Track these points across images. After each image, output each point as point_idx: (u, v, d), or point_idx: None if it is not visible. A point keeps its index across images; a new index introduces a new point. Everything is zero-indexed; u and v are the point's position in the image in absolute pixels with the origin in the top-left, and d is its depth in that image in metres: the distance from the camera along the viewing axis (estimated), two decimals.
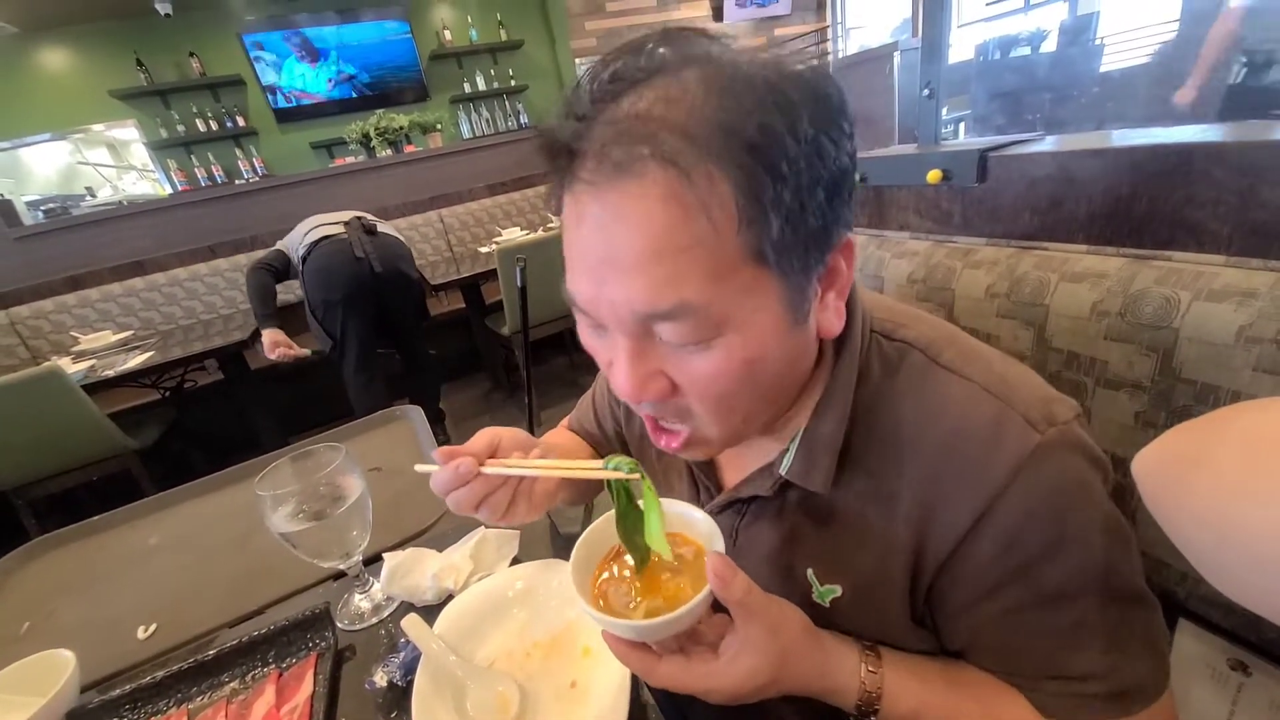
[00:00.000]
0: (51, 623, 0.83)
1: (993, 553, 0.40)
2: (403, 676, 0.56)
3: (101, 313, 2.91)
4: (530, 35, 5.08)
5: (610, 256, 0.35)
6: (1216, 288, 0.53)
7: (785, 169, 0.33)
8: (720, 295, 0.35)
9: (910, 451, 0.42)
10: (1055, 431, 0.39)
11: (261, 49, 4.54)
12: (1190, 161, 0.58)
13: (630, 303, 0.36)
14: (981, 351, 0.45)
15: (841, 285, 0.41)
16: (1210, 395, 0.54)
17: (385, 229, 2.38)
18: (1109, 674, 0.41)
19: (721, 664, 0.41)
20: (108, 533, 1.02)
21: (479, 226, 3.64)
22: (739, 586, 0.39)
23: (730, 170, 0.33)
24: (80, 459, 2.06)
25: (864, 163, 0.88)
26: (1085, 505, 0.39)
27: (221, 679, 0.61)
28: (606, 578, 0.45)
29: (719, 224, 0.33)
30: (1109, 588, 0.40)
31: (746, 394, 0.40)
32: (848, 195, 0.38)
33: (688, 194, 0.33)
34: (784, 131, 0.33)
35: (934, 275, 0.74)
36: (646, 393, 0.39)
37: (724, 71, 0.34)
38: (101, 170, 4.57)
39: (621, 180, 0.33)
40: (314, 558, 0.64)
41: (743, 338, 0.37)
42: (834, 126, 0.36)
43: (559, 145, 0.36)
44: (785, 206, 0.34)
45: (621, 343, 0.38)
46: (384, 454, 1.10)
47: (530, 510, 0.53)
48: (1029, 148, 0.70)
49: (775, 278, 0.36)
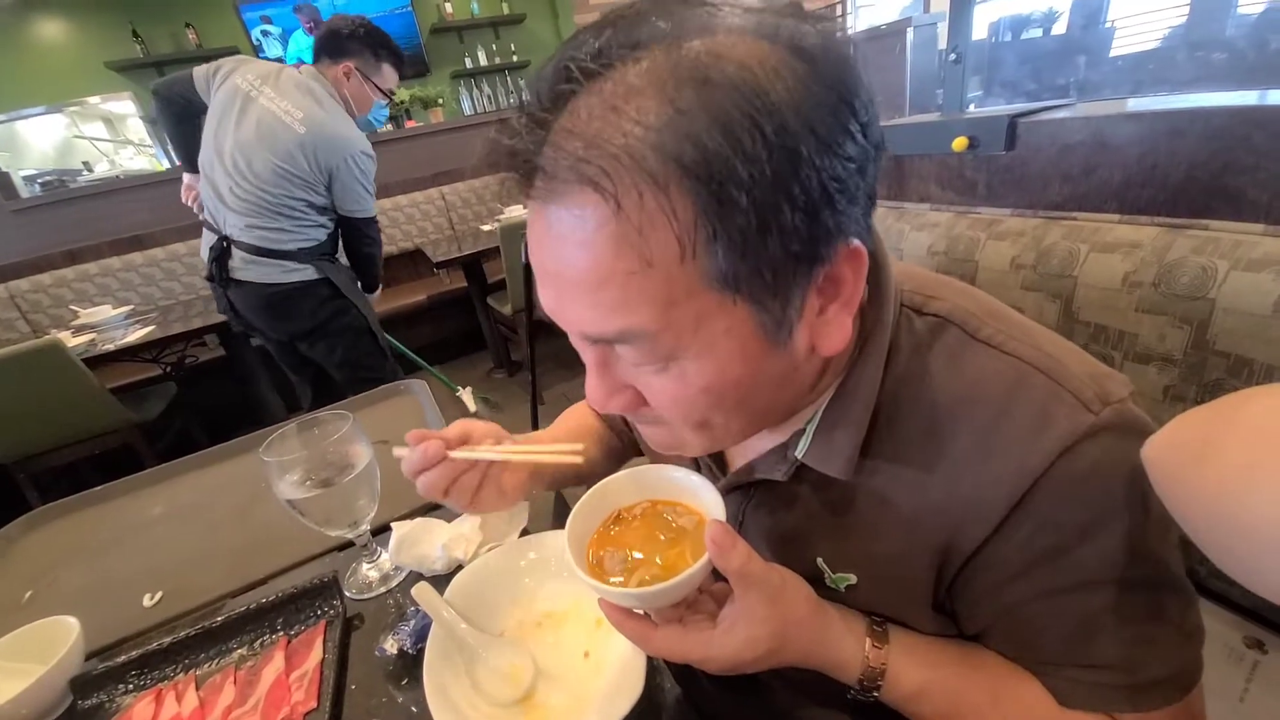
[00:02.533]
0: (54, 591, 0.82)
1: (1026, 535, 0.37)
2: (413, 644, 0.56)
3: (101, 287, 2.89)
4: (532, 9, 4.98)
5: (560, 273, 0.33)
6: (1256, 257, 0.51)
7: (734, 192, 0.29)
8: (670, 323, 0.32)
9: (947, 435, 0.38)
10: (1111, 411, 0.35)
11: (269, 22, 4.44)
12: (1230, 127, 0.55)
13: (580, 325, 0.35)
14: (1024, 324, 0.42)
15: (847, 297, 0.36)
16: (1244, 369, 0.53)
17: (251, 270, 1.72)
18: (1133, 666, 0.38)
19: (718, 633, 0.40)
20: (111, 502, 1.02)
21: (481, 204, 3.60)
22: (738, 555, 0.38)
23: (664, 194, 0.29)
24: (82, 433, 2.06)
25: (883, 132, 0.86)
26: (1131, 488, 0.36)
27: (230, 645, 0.61)
28: (604, 545, 0.44)
29: (657, 252, 0.30)
30: (1145, 574, 0.37)
31: (720, 412, 0.37)
32: (851, 200, 0.32)
33: (620, 222, 0.30)
34: (740, 146, 0.28)
35: (956, 247, 0.72)
36: (613, 404, 0.39)
37: (687, 61, 0.29)
38: (98, 144, 4.50)
39: (561, 200, 0.31)
40: (321, 526, 0.63)
41: (699, 365, 0.34)
42: (828, 112, 0.30)
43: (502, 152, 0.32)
44: (738, 231, 0.30)
45: (587, 357, 0.38)
46: (390, 427, 1.09)
47: (500, 499, 0.55)
48: (1061, 113, 0.68)
49: (741, 303, 0.32)
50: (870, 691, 0.43)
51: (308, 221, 1.75)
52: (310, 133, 1.65)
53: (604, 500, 0.47)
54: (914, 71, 1.73)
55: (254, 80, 1.69)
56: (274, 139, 1.63)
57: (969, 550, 0.39)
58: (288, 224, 1.71)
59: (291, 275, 1.74)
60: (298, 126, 1.65)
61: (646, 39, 0.30)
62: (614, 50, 0.30)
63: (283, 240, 1.71)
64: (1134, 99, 0.67)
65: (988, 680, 0.42)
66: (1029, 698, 0.41)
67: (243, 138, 1.65)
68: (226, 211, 1.69)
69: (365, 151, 1.74)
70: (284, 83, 1.69)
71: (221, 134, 1.68)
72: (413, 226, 3.49)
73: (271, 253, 1.70)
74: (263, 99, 1.67)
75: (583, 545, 0.44)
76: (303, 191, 1.69)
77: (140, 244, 2.98)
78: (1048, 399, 0.36)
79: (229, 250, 1.71)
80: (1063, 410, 0.36)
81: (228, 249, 1.71)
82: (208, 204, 1.75)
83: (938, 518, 0.39)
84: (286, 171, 1.65)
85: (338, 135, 1.69)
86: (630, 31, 0.31)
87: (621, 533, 0.45)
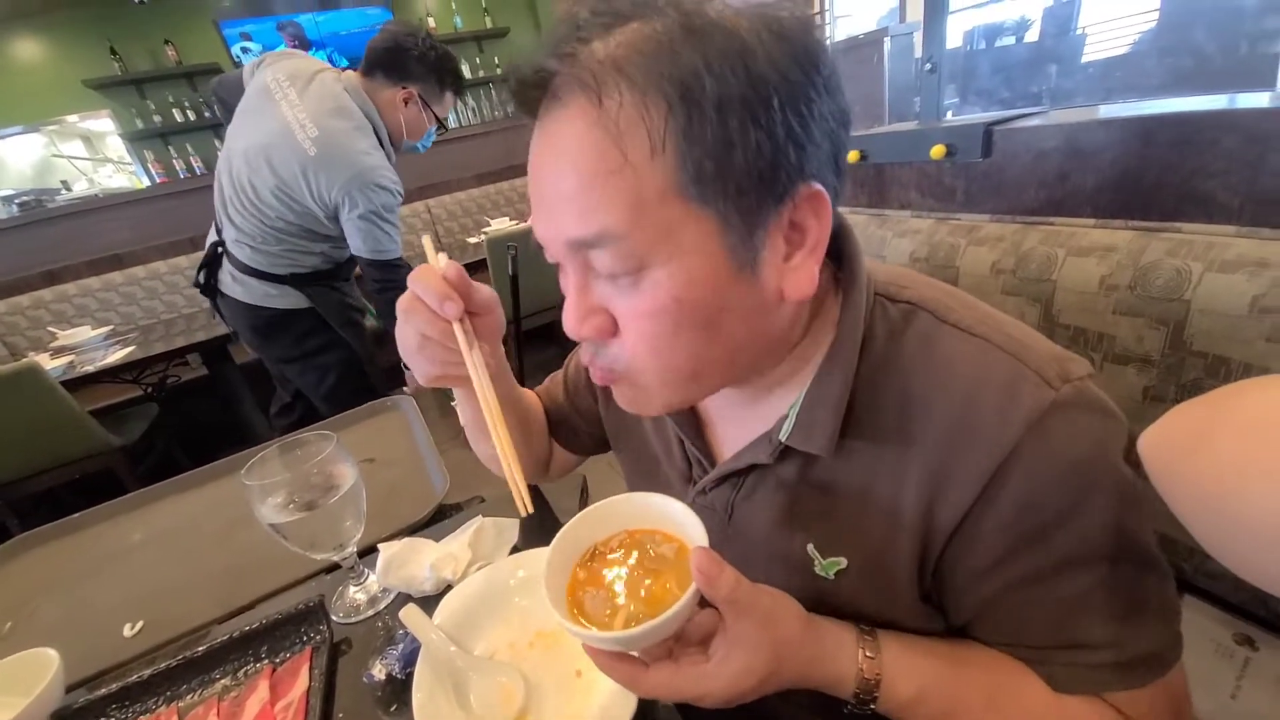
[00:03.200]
0: (34, 622, 0.80)
1: (1007, 517, 0.38)
2: (402, 669, 0.55)
3: (79, 308, 2.84)
4: (516, 23, 5.01)
5: (550, 188, 0.38)
6: (1229, 258, 0.52)
7: (705, 105, 0.33)
8: (642, 226, 0.35)
9: (921, 414, 0.40)
10: (1070, 388, 0.37)
11: (249, 39, 4.42)
12: (1200, 131, 0.57)
13: (562, 231, 0.38)
14: (990, 311, 0.44)
15: (812, 244, 0.39)
16: (1222, 368, 0.53)
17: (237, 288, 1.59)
18: (1120, 643, 0.39)
19: (712, 665, 0.38)
20: (90, 529, 0.99)
21: (467, 217, 3.60)
22: (726, 582, 0.37)
23: (642, 96, 0.34)
24: (62, 457, 2.01)
25: (864, 140, 0.87)
26: (1101, 465, 0.38)
27: (212, 675, 0.59)
28: (583, 584, 0.42)
29: (631, 149, 0.34)
30: (1123, 553, 0.39)
31: (685, 340, 0.38)
32: (815, 146, 0.36)
33: (603, 117, 0.34)
34: (713, 70, 0.33)
35: (937, 253, 0.73)
36: (586, 326, 0.40)
37: (683, 16, 0.35)
38: (76, 163, 4.45)
39: (556, 110, 0.36)
40: (306, 549, 0.61)
41: (669, 273, 0.36)
42: (798, 72, 0.35)
43: (525, 79, 0.38)
44: (706, 141, 0.34)
45: (569, 278, 0.40)
46: (377, 445, 1.08)
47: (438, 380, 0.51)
48: (1035, 120, 0.69)
49: (709, 218, 0.36)
50: (867, 704, 0.42)
51: (303, 250, 1.56)
52: (320, 155, 1.41)
53: (579, 538, 0.44)
54: (892, 81, 1.76)
55: (282, 80, 1.47)
56: (279, 154, 1.42)
57: (949, 526, 0.40)
58: (278, 249, 1.53)
59: (274, 302, 1.58)
60: (309, 147, 1.41)
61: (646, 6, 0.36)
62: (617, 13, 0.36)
63: (274, 264, 1.54)
64: (1106, 105, 0.68)
65: (982, 678, 0.43)
66: (1023, 691, 0.42)
67: (251, 145, 1.45)
68: (225, 219, 1.54)
69: (382, 184, 1.48)
70: (313, 90, 1.45)
71: (235, 137, 1.50)
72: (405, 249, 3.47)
73: (259, 274, 1.54)
74: (284, 103, 1.44)
75: (562, 589, 0.41)
76: (301, 220, 1.50)
77: (120, 263, 2.94)
78: (1013, 376, 0.38)
79: (220, 259, 1.58)
80: (1027, 387, 0.38)
81: (219, 257, 1.58)
82: (215, 202, 1.57)
83: (918, 491, 0.40)
84: (286, 196, 1.45)
85: (353, 164, 1.44)
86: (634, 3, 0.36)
87: (600, 570, 0.43)
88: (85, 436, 2.00)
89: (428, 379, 0.52)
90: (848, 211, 0.88)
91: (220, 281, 1.61)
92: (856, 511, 0.44)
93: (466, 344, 0.48)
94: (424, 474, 0.95)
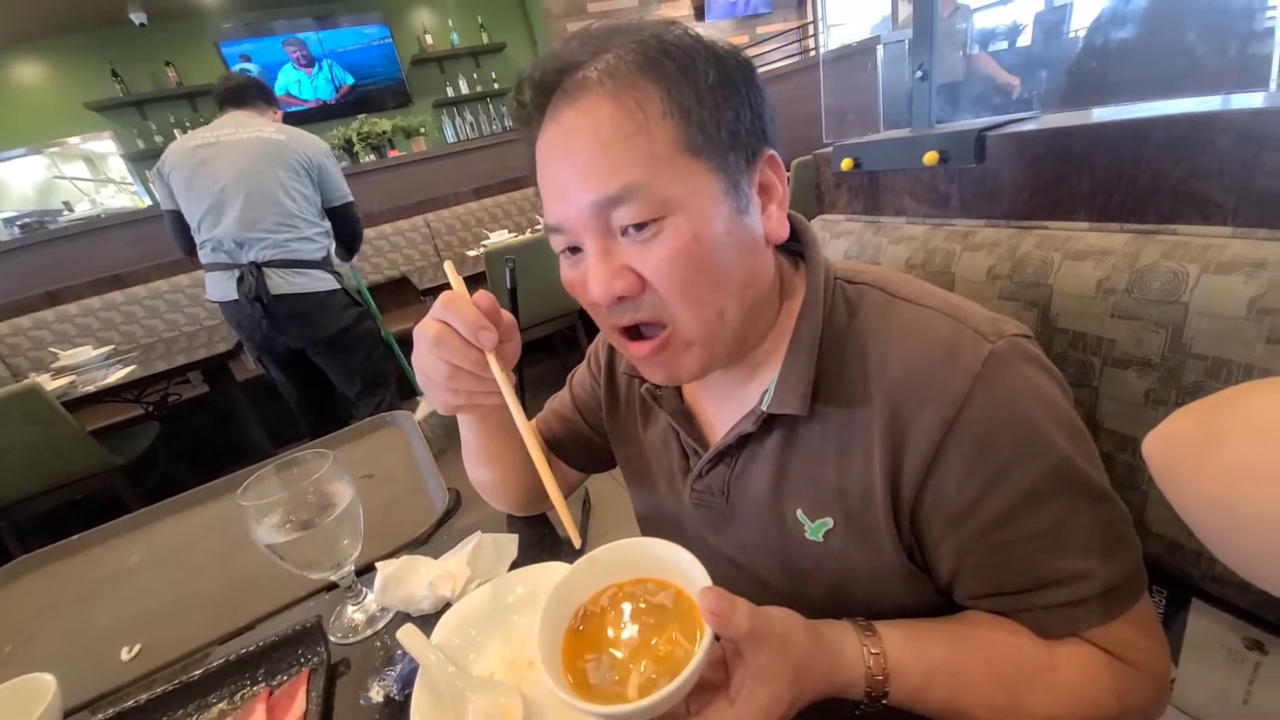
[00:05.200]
0: (32, 646, 0.80)
1: (968, 462, 0.42)
2: (400, 690, 0.54)
3: (81, 328, 2.85)
4: (512, 38, 5.06)
5: (570, 165, 0.43)
6: (1225, 259, 0.52)
7: (698, 83, 0.42)
8: (659, 175, 0.41)
9: (877, 376, 0.46)
10: (1005, 342, 0.43)
11: (248, 60, 4.46)
12: (1193, 132, 0.56)
13: (588, 193, 0.42)
14: (934, 287, 0.50)
15: (780, 198, 0.48)
16: (1222, 370, 0.53)
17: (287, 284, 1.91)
18: (1092, 574, 0.42)
19: (740, 706, 0.37)
20: (88, 551, 0.99)
21: (466, 230, 3.61)
22: (742, 617, 0.36)
23: (654, 77, 0.42)
24: (63, 477, 2.01)
25: (857, 148, 0.87)
26: (1044, 406, 0.42)
27: (209, 700, 0.59)
28: (581, 654, 0.39)
29: (649, 114, 0.41)
30: (1079, 486, 0.42)
31: (708, 281, 0.44)
32: (766, 122, 0.47)
33: (628, 94, 0.41)
34: (694, 59, 0.43)
35: (933, 259, 0.73)
36: (615, 286, 0.43)
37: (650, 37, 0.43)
38: (78, 184, 4.49)
39: (575, 101, 0.42)
40: (303, 569, 0.61)
41: (687, 216, 0.42)
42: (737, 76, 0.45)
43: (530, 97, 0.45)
44: (701, 108, 0.42)
45: (590, 246, 0.44)
46: (376, 461, 1.08)
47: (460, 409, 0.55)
48: (1027, 125, 0.69)
49: (707, 167, 0.43)
50: (879, 699, 0.42)
51: (318, 227, 1.98)
52: (290, 139, 1.89)
53: (563, 603, 0.41)
54: (886, 88, 1.77)
55: (202, 136, 1.87)
56: (268, 154, 1.84)
57: (917, 475, 0.44)
58: (307, 229, 1.93)
59: (318, 285, 1.97)
60: (278, 136, 1.88)
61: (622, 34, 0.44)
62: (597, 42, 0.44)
63: (309, 250, 1.94)
64: (1098, 108, 0.68)
65: (979, 646, 0.44)
66: (1015, 647, 0.44)
67: (236, 171, 1.81)
68: (251, 241, 1.85)
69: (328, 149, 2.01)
70: (228, 123, 1.89)
71: (206, 187, 1.83)
72: (398, 255, 3.49)
73: (301, 264, 1.92)
74: (229, 139, 1.85)
75: (558, 664, 0.38)
76: (306, 188, 1.91)
77: (121, 282, 2.95)
78: (954, 334, 0.44)
79: (261, 274, 1.86)
80: (966, 342, 0.43)
81: (259, 275, 1.86)
82: (223, 250, 1.87)
83: (884, 447, 0.45)
84: (291, 175, 1.87)
85: (310, 137, 1.96)
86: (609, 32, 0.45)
87: (595, 632, 0.40)
88: (86, 456, 2.00)
89: (450, 409, 0.53)
90: (843, 218, 0.88)
91: (273, 289, 1.89)
92: (835, 471, 0.48)
93: (504, 375, 0.49)
94: (423, 490, 0.95)
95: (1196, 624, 0.64)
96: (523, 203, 3.72)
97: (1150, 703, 0.45)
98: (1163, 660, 0.46)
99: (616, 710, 0.33)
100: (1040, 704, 0.43)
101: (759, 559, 0.55)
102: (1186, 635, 0.65)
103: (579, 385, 0.73)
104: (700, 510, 0.57)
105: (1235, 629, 0.62)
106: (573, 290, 0.49)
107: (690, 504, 0.58)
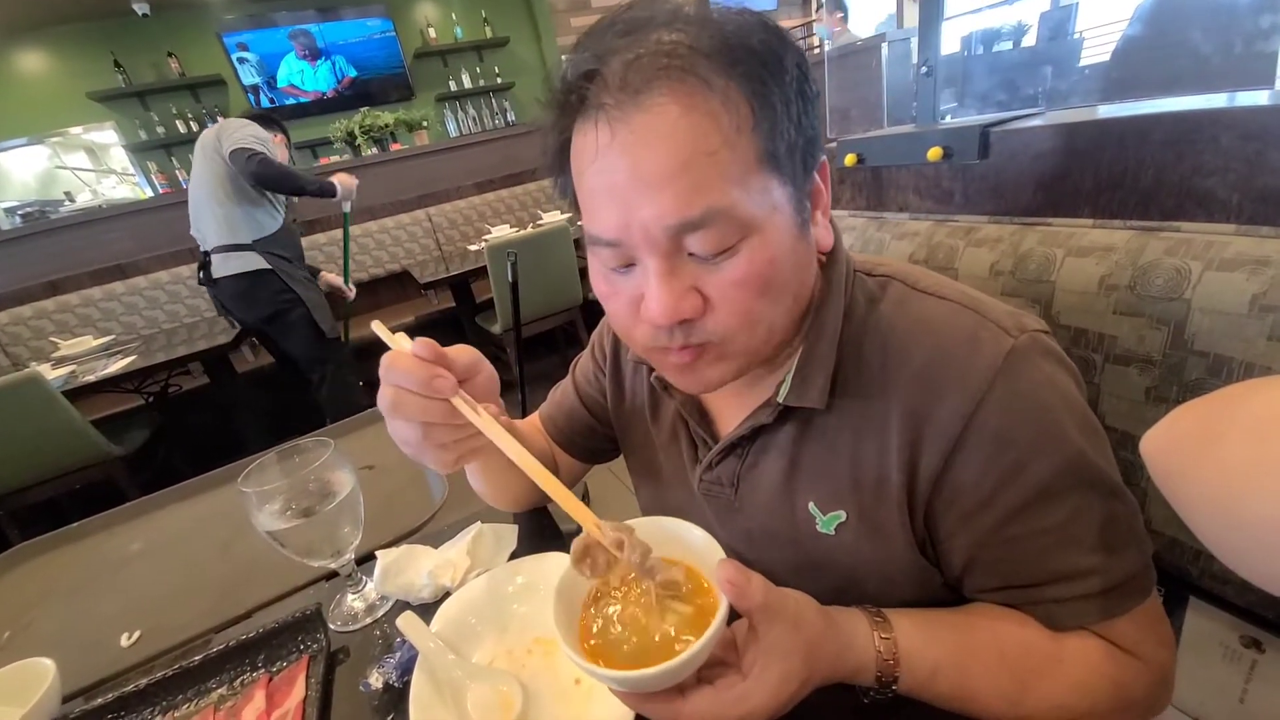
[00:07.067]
0: (31, 632, 0.80)
1: (986, 456, 0.41)
2: (399, 677, 0.54)
3: (82, 318, 2.85)
4: (516, 32, 5.04)
5: (637, 177, 0.37)
6: (1228, 256, 0.52)
7: (785, 78, 0.39)
8: (742, 197, 0.38)
9: (897, 368, 0.45)
10: (1027, 337, 0.43)
11: (245, 49, 4.45)
12: (1197, 130, 0.57)
13: (662, 218, 0.38)
14: (954, 282, 0.49)
15: (825, 204, 0.46)
16: (1224, 367, 0.53)
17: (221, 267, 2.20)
18: (1103, 569, 0.42)
19: (752, 680, 0.37)
20: (88, 539, 0.99)
21: (468, 225, 3.61)
22: (757, 589, 0.36)
23: (741, 76, 0.37)
24: (62, 467, 2.01)
25: (861, 143, 0.87)
26: (1063, 401, 0.42)
27: (208, 685, 0.59)
28: (598, 627, 0.39)
29: (738, 125, 0.37)
30: (1093, 481, 0.42)
31: (769, 300, 0.42)
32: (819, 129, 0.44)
33: (709, 99, 0.37)
34: (779, 49, 0.39)
35: (936, 255, 0.73)
36: (682, 310, 0.40)
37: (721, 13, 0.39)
38: (80, 174, 4.48)
39: (644, 100, 0.37)
40: (304, 557, 0.61)
41: (763, 238, 0.40)
42: (804, 63, 0.41)
43: (576, 77, 0.39)
44: (789, 111, 0.39)
45: (653, 266, 0.40)
46: (376, 452, 1.08)
47: (457, 462, 0.47)
48: (1031, 121, 0.69)
49: (783, 183, 0.40)
50: (889, 686, 0.42)
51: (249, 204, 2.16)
52: (214, 128, 2.16)
53: (576, 583, 0.41)
54: (890, 85, 1.77)
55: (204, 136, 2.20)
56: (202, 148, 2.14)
57: (935, 468, 0.43)
58: (235, 210, 2.13)
59: (248, 264, 2.15)
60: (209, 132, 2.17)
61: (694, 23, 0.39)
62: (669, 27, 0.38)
63: (238, 232, 2.14)
64: (1103, 105, 0.68)
65: (989, 637, 0.44)
66: (1025, 639, 0.44)
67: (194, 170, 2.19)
68: (205, 231, 2.18)
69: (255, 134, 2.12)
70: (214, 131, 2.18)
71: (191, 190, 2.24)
72: (399, 249, 3.49)
73: (232, 247, 2.14)
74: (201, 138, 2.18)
75: (574, 634, 0.39)
76: (218, 166, 2.10)
77: (122, 273, 2.95)
78: (976, 327, 0.43)
79: (209, 259, 2.19)
80: (988, 335, 0.43)
81: (208, 259, 2.20)
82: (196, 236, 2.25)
83: (902, 440, 0.44)
84: (207, 160, 2.11)
85: (232, 121, 2.17)
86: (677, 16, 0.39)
87: (609, 608, 0.40)
88: (86, 446, 2.00)
89: (445, 466, 0.47)
90: (847, 214, 0.88)
91: (213, 272, 2.19)
92: (851, 464, 0.47)
93: (475, 413, 0.43)
94: (423, 481, 0.95)
95: (1194, 621, 0.64)
96: (525, 198, 3.72)
97: (1153, 697, 0.45)
98: (1167, 657, 0.46)
99: (634, 674, 0.34)
100: (1048, 694, 0.43)
101: (767, 551, 0.54)
102: (1184, 633, 0.65)
103: (582, 375, 0.72)
104: (709, 501, 0.56)
105: (1233, 627, 0.63)
106: (613, 305, 0.45)
107: (699, 495, 0.57)
